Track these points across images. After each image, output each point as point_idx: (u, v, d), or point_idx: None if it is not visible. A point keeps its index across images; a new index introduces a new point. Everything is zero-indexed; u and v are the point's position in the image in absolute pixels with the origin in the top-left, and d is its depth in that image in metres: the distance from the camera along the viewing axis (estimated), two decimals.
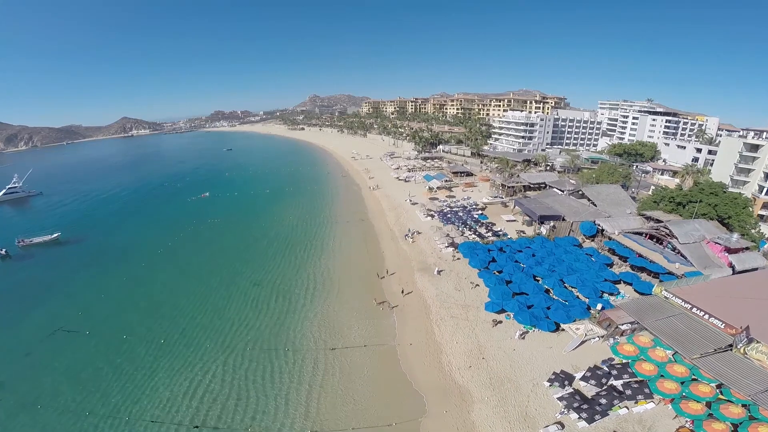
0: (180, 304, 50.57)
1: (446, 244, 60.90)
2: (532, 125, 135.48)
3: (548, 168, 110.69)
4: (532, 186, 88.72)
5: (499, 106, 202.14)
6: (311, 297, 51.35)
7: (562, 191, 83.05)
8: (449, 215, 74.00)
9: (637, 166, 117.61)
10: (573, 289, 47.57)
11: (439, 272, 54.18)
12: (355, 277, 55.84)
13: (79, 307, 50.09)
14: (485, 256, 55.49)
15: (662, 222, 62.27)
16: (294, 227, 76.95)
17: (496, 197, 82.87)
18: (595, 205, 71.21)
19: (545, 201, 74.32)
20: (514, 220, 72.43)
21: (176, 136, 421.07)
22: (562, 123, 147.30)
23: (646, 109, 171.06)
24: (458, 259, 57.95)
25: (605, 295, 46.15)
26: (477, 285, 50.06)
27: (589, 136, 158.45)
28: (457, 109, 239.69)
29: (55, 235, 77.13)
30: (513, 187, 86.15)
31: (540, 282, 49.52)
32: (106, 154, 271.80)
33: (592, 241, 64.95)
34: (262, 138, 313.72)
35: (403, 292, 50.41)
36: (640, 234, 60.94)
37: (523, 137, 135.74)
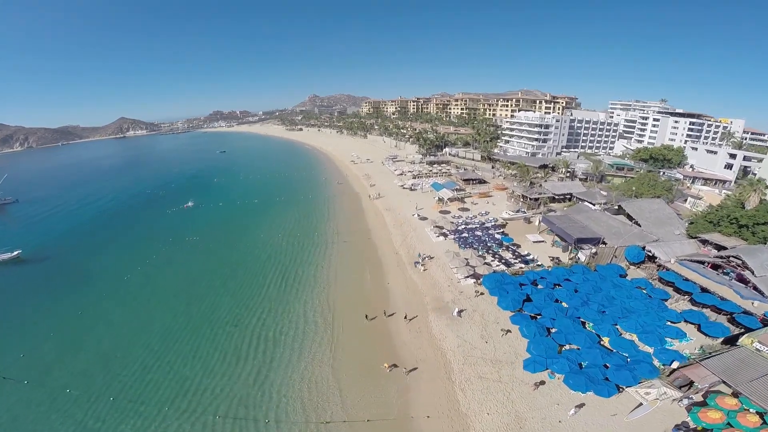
0: (140, 349, 41.80)
1: (466, 275, 49.98)
2: (547, 127, 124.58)
3: (568, 175, 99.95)
4: (556, 197, 77.85)
5: (507, 106, 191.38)
6: (300, 345, 41.50)
7: (593, 205, 72.26)
8: (465, 234, 63.05)
9: (664, 173, 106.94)
10: (632, 336, 38.13)
11: (459, 313, 43.67)
12: (354, 319, 45.31)
13: (23, 347, 43.04)
14: (517, 293, 44.87)
15: (725, 248, 51.81)
16: (283, 249, 65.94)
17: (518, 212, 71.86)
18: (639, 225, 60.38)
19: (577, 218, 63.46)
20: (542, 241, 61.58)
21: (172, 137, 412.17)
22: (578, 124, 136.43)
23: (666, 111, 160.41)
24: (481, 294, 47.33)
25: (669, 340, 37.94)
26: (509, 331, 40.16)
27: (605, 139, 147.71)
28: (462, 109, 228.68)
29: (16, 253, 68.13)
30: (537, 199, 75.18)
31: (589, 328, 39.85)
32: (96, 156, 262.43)
33: (638, 267, 54.33)
34: (258, 139, 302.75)
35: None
36: (701, 263, 50.27)
37: (536, 140, 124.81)
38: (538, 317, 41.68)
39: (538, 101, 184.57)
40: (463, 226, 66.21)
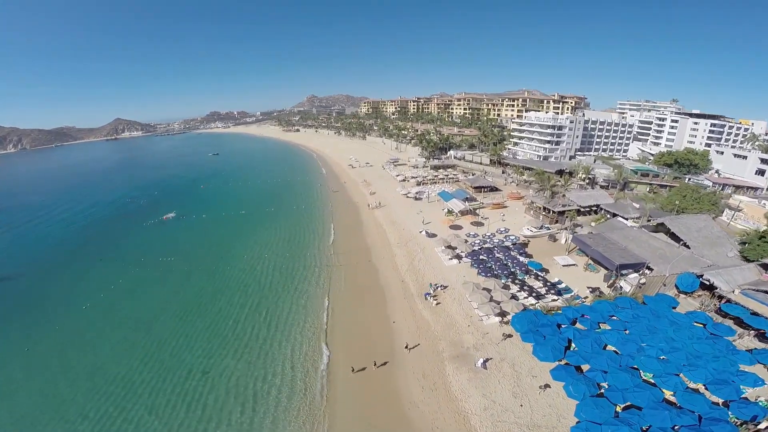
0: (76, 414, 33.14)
1: (489, 313, 40.79)
2: (560, 128, 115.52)
3: (588, 182, 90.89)
4: (582, 210, 68.73)
5: (513, 106, 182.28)
6: (285, 407, 33.26)
7: (626, 219, 63.18)
8: (483, 256, 53.79)
9: (690, 179, 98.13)
10: (701, 387, 31.13)
11: (484, 364, 34.68)
12: (352, 369, 36.15)
13: None
14: (556, 338, 35.99)
15: None
16: (269, 274, 56.53)
17: (542, 228, 62.59)
18: (687, 247, 51.28)
19: (613, 238, 54.31)
20: (573, 264, 52.41)
21: (166, 138, 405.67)
22: (591, 126, 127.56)
23: (682, 111, 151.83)
24: (509, 336, 38.31)
25: (745, 389, 31.22)
26: (547, 386, 32.02)
27: (619, 141, 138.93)
28: (464, 109, 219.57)
29: None
30: (562, 212, 66.00)
31: (648, 378, 32.21)
32: (85, 160, 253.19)
33: (687, 296, 45.40)
34: (253, 141, 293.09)
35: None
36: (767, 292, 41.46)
37: (549, 142, 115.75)
38: (585, 369, 32.97)
39: (545, 101, 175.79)
40: (479, 245, 56.91)
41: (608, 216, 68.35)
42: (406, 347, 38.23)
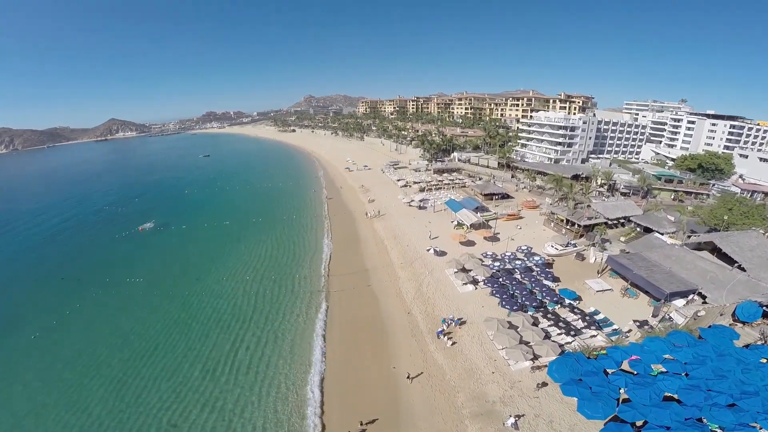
0: None
1: (519, 358, 32.77)
2: (573, 129, 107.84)
3: (608, 188, 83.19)
4: (609, 223, 60.84)
5: (517, 105, 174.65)
6: None
7: (661, 234, 55.33)
8: (504, 280, 45.73)
9: (714, 185, 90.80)
10: None
11: (515, 423, 27.25)
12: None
13: None
14: (604, 387, 28.55)
15: None
16: (251, 302, 48.11)
17: (568, 245, 54.60)
18: (742, 269, 43.45)
19: (653, 258, 46.44)
20: (609, 289, 44.56)
21: (160, 139, 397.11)
22: (604, 126, 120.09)
23: (694, 111, 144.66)
24: (544, 385, 30.70)
25: None
26: None
27: (632, 143, 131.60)
28: (466, 108, 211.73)
29: None
30: (588, 226, 58.00)
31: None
32: (73, 162, 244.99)
33: (745, 326, 37.90)
34: (247, 141, 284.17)
35: None
36: None
37: (560, 144, 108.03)
38: (641, 425, 26.08)
39: (551, 101, 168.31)
40: (496, 267, 48.81)
41: (638, 229, 60.59)
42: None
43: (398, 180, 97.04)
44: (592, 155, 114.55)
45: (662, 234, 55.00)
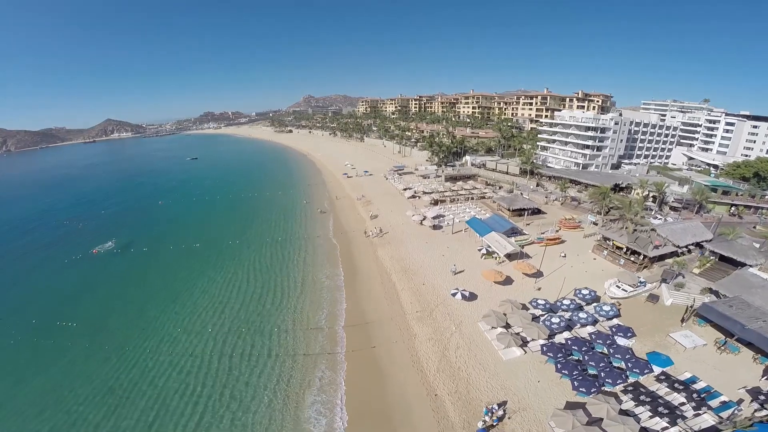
0: None
1: None
2: (603, 130, 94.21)
3: (654, 200, 69.53)
4: (679, 250, 47.14)
5: (530, 104, 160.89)
6: None
7: (752, 267, 41.55)
8: (569, 343, 31.91)
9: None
10: None
11: None
12: None
13: None
14: None
15: None
16: (208, 373, 34.30)
17: (639, 285, 40.71)
18: None
19: (755, 302, 32.76)
20: (702, 344, 30.95)
21: (154, 140, 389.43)
22: (635, 128, 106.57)
23: (738, 113, 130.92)
24: None
25: None
26: None
27: (662, 146, 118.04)
28: (473, 107, 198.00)
29: None
30: (657, 257, 44.21)
31: None
32: (56, 164, 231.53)
33: None
34: (241, 143, 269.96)
35: None
36: None
37: (589, 147, 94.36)
38: None
39: (568, 99, 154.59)
40: (553, 321, 34.92)
41: (711, 258, 46.93)
42: None
43: (404, 189, 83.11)
44: (621, 160, 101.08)
45: (753, 266, 41.33)
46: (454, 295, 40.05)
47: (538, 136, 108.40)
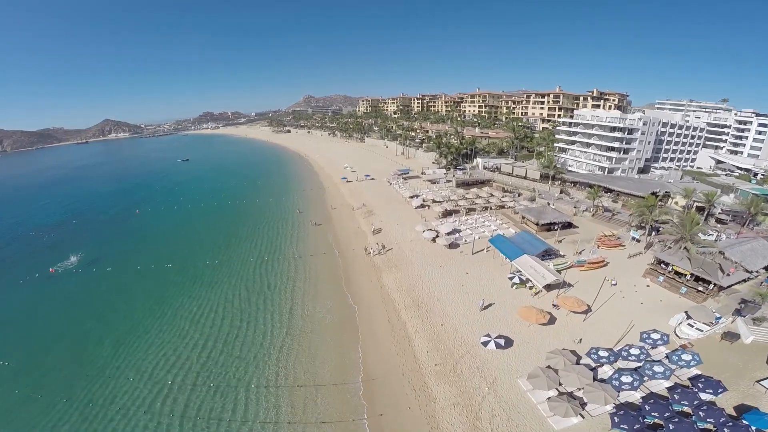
0: None
1: None
2: (631, 131, 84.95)
3: (700, 212, 60.18)
4: (750, 276, 37.95)
5: (542, 103, 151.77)
6: None
7: None
8: (646, 405, 22.61)
9: None
10: None
11: None
12: None
13: None
14: None
15: None
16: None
17: (719, 323, 31.44)
18: None
19: None
20: None
21: (150, 141, 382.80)
22: (662, 129, 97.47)
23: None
24: None
25: None
26: None
27: (689, 148, 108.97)
28: (480, 106, 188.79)
29: None
30: (726, 286, 34.92)
31: None
32: (44, 166, 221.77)
33: None
34: (237, 143, 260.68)
35: None
36: None
37: (615, 149, 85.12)
38: None
39: (582, 98, 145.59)
40: (620, 379, 25.64)
41: None
42: None
43: (411, 197, 73.77)
44: (652, 164, 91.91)
45: None
46: (485, 344, 30.71)
47: (556, 137, 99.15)
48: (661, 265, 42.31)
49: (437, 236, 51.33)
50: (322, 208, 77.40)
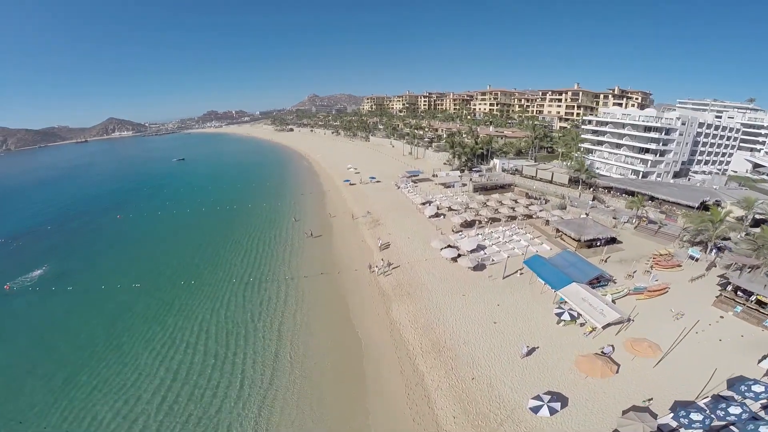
0: None
1: None
2: (668, 132, 75.85)
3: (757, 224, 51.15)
4: None
5: (559, 101, 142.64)
6: None
7: None
8: None
9: None
10: None
11: None
12: None
13: None
14: None
15: None
16: None
17: None
18: None
19: None
20: None
21: (152, 139, 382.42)
22: (698, 129, 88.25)
23: None
24: None
25: None
26: None
27: (724, 150, 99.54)
28: (491, 104, 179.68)
29: None
30: None
31: None
32: (41, 165, 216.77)
33: None
34: (238, 142, 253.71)
35: None
36: None
37: (650, 151, 76.09)
38: None
39: (602, 96, 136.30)
40: None
41: None
42: None
43: (423, 203, 65.18)
44: (683, 166, 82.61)
45: None
46: (536, 410, 22.22)
47: (581, 136, 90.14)
48: (739, 293, 33.62)
49: (459, 255, 42.67)
50: (322, 215, 68.64)
